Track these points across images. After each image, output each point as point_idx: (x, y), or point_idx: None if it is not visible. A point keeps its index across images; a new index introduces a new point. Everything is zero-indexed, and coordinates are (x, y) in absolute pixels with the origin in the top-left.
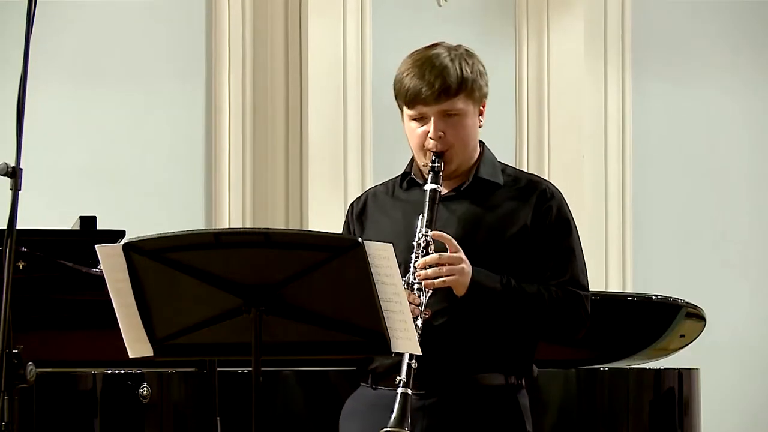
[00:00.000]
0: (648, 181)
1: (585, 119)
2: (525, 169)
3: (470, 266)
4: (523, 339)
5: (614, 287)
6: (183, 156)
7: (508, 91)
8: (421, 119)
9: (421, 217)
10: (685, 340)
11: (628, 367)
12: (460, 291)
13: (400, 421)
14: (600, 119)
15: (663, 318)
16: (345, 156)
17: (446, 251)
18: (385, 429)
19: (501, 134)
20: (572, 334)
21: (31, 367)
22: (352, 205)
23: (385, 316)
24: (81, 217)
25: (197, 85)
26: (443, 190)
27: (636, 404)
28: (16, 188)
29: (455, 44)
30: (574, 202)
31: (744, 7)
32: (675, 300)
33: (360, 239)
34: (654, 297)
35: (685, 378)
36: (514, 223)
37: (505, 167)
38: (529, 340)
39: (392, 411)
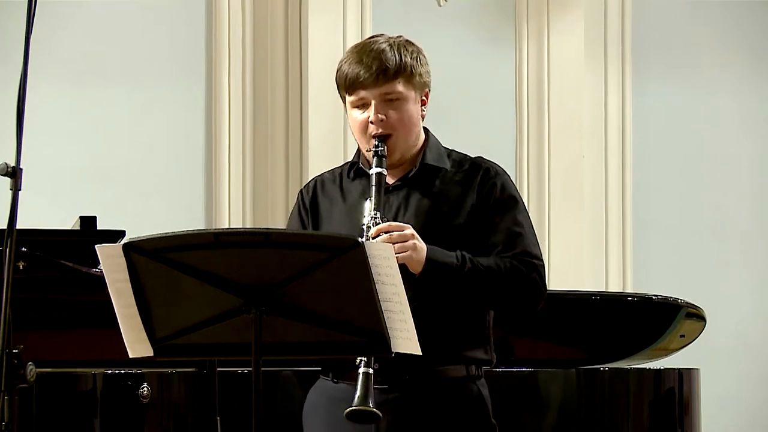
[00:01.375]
0: (648, 181)
1: (585, 119)
2: (525, 170)
3: (423, 243)
4: (481, 328)
5: (614, 287)
6: (183, 156)
7: (509, 92)
8: (363, 106)
9: (368, 201)
10: (685, 340)
11: (629, 367)
12: (416, 268)
13: (364, 399)
14: (600, 119)
15: (663, 318)
16: (345, 156)
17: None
18: (349, 408)
19: (501, 134)
20: (531, 304)
21: (31, 367)
22: (301, 192)
23: (385, 316)
24: (81, 217)
25: (197, 85)
26: (391, 180)
27: (636, 404)
28: (16, 188)
29: (396, 35)
30: (574, 202)
31: (744, 7)
32: (675, 300)
33: (360, 239)
34: (654, 297)
35: (685, 378)
36: (463, 206)
37: (450, 152)
38: (487, 329)
39: (355, 390)
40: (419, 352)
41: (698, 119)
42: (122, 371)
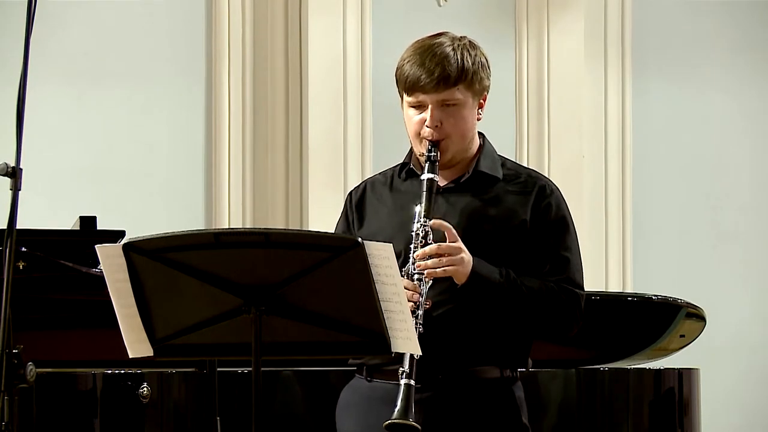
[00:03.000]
0: (648, 181)
1: (585, 119)
2: None
3: (470, 256)
4: (519, 332)
5: (614, 287)
6: (183, 156)
7: (509, 91)
8: (420, 107)
9: (418, 206)
10: (685, 340)
11: (628, 367)
12: (460, 280)
13: (405, 413)
14: (600, 119)
15: (663, 318)
16: (345, 156)
17: (445, 241)
18: (389, 420)
19: (501, 134)
20: (566, 331)
21: (31, 367)
22: (350, 194)
23: (385, 316)
24: (81, 217)
25: (197, 85)
26: (443, 182)
27: (636, 404)
28: (16, 188)
29: (460, 35)
30: (574, 202)
31: (743, 7)
32: (675, 300)
33: (360, 239)
34: (654, 297)
35: (685, 378)
36: (514, 217)
37: (504, 161)
38: (526, 334)
39: (396, 403)
40: (419, 352)
41: (698, 119)
42: (122, 371)
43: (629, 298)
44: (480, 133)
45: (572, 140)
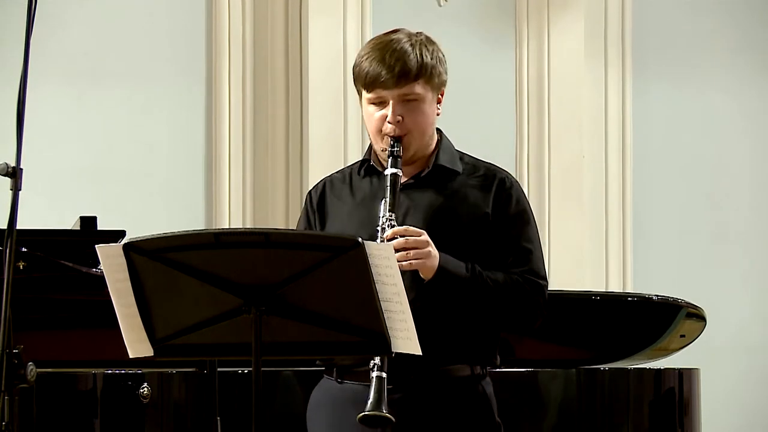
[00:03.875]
0: (648, 181)
1: (585, 119)
2: (525, 170)
3: (436, 251)
4: (487, 328)
5: (614, 287)
6: (183, 156)
7: (509, 91)
8: (380, 103)
9: (383, 201)
10: (686, 341)
11: (629, 367)
12: (427, 275)
13: (377, 405)
14: (600, 119)
15: (663, 318)
16: (345, 156)
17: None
18: (362, 413)
19: (501, 134)
20: (531, 322)
21: (31, 367)
22: (309, 193)
23: (385, 316)
24: (81, 217)
25: (197, 85)
26: (402, 178)
27: (636, 404)
28: (16, 188)
29: (416, 31)
30: (574, 202)
31: (743, 7)
32: (675, 300)
33: (360, 239)
34: (654, 297)
35: (685, 378)
36: (476, 211)
37: (462, 155)
38: (493, 329)
39: (368, 395)
40: (419, 352)
41: (698, 119)
42: (122, 371)
43: (629, 298)
44: (438, 129)
45: (572, 140)
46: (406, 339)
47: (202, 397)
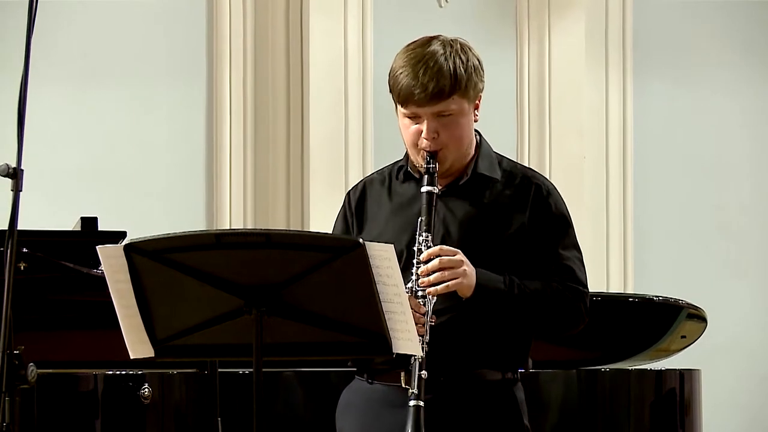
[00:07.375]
0: (649, 181)
1: (586, 120)
2: None
3: (472, 268)
4: (522, 334)
5: (615, 288)
6: (184, 156)
7: (509, 92)
8: (415, 117)
9: (420, 221)
10: (687, 341)
11: (630, 368)
12: (465, 293)
13: None
14: (601, 120)
15: (664, 319)
16: (346, 156)
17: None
18: None
19: (502, 135)
20: (572, 329)
21: (32, 368)
22: (348, 194)
23: (386, 317)
24: (82, 218)
25: (198, 85)
26: (440, 186)
27: (637, 405)
28: (17, 189)
29: (452, 38)
30: (574, 203)
31: (744, 7)
32: (676, 301)
33: (361, 240)
34: (655, 298)
35: (686, 379)
36: (512, 222)
37: (501, 159)
38: (529, 335)
39: (406, 428)
40: (420, 353)
41: (699, 119)
42: (123, 372)
43: (630, 299)
44: (477, 132)
45: (573, 141)
46: (406, 340)
47: (203, 398)
